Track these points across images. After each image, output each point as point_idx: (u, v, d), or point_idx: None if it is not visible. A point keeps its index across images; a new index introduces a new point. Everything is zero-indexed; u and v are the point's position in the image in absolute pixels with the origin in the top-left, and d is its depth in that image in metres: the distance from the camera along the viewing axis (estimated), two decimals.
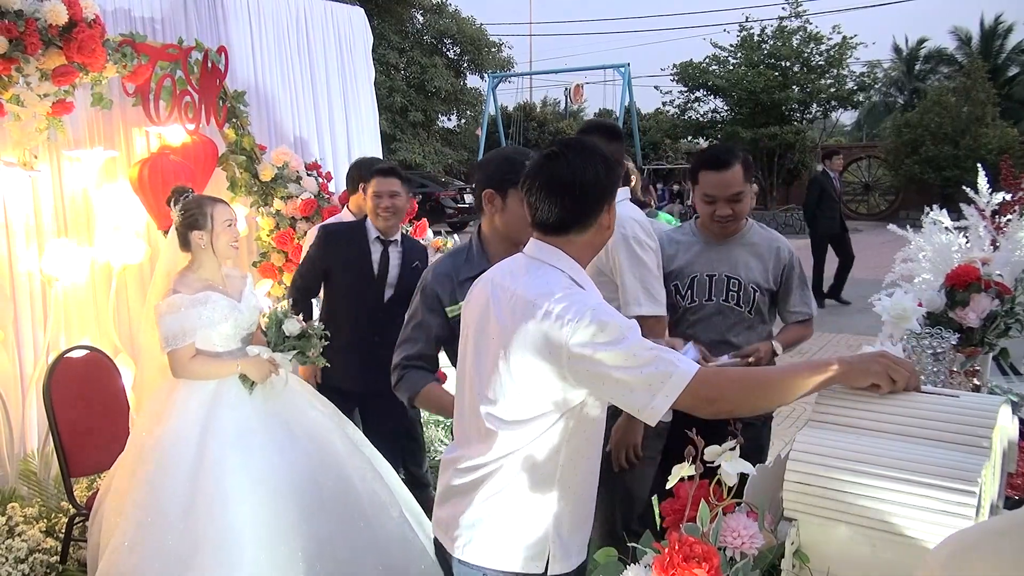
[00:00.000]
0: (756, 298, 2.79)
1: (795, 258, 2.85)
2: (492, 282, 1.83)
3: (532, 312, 1.66)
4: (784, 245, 2.86)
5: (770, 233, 2.88)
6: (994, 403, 1.43)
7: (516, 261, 1.83)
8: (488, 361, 1.76)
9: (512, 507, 1.78)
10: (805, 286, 2.87)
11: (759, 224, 2.90)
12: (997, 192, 2.40)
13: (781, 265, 2.82)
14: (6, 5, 3.22)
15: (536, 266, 1.76)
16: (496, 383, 1.73)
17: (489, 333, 1.77)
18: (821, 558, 1.37)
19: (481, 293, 1.85)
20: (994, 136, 18.86)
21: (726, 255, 2.80)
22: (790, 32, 21.82)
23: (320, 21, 5.37)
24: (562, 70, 25.26)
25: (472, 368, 1.83)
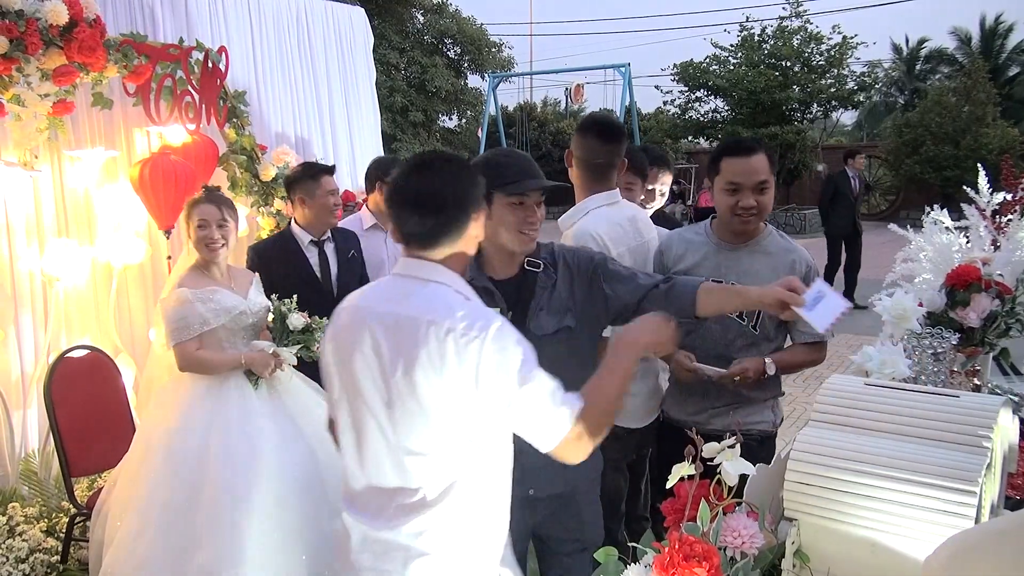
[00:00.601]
0: (762, 313, 2.51)
1: (812, 272, 2.54)
2: (366, 313, 1.69)
3: (434, 332, 1.58)
4: (801, 256, 2.57)
5: (788, 243, 2.62)
6: (994, 403, 1.43)
7: (391, 285, 1.73)
8: (391, 398, 1.63)
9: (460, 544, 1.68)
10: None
11: (778, 232, 2.66)
12: (998, 192, 2.40)
13: (788, 273, 2.43)
14: (7, 5, 3.23)
15: (420, 285, 1.68)
16: (406, 420, 1.62)
17: (381, 368, 1.64)
18: (821, 558, 1.37)
19: (354, 329, 1.69)
20: (995, 136, 18.85)
21: (736, 262, 2.56)
22: (790, 32, 21.82)
23: (320, 21, 5.36)
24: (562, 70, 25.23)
25: (367, 413, 1.68)
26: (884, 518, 1.31)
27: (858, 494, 1.33)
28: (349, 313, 1.75)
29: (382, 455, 1.68)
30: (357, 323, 1.70)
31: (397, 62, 23.74)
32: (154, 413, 3.06)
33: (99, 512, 3.07)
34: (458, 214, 1.68)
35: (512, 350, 1.60)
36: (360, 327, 1.68)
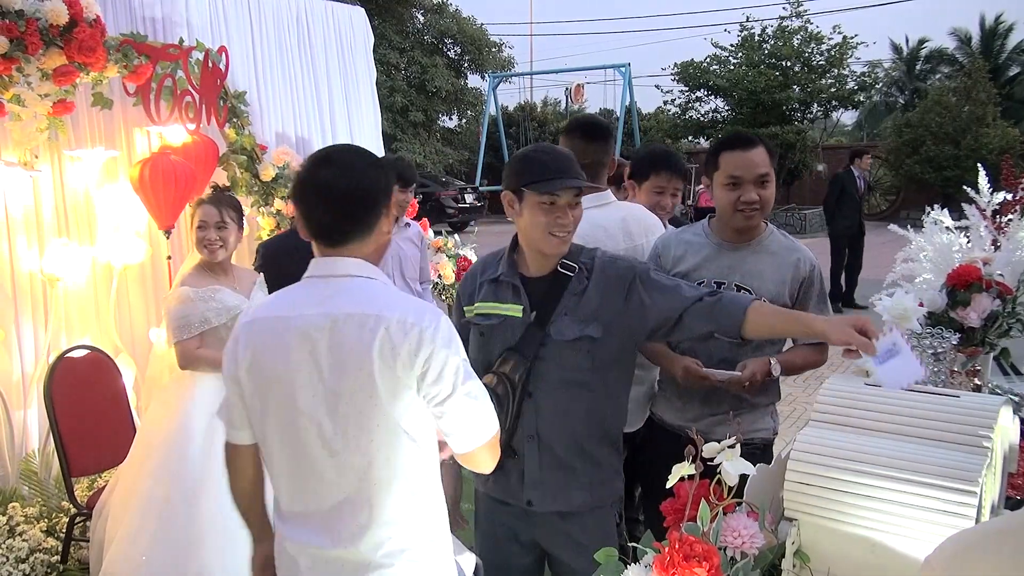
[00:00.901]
0: None
1: (816, 272, 2.48)
2: (295, 322, 1.59)
3: (383, 326, 1.53)
4: (805, 256, 2.48)
5: (790, 241, 2.53)
6: (995, 403, 1.43)
7: (310, 288, 1.64)
8: (335, 405, 1.57)
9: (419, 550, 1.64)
10: (825, 303, 2.49)
11: (780, 231, 2.57)
12: (998, 192, 2.40)
13: (800, 278, 2.45)
14: (7, 5, 3.23)
15: (345, 282, 1.61)
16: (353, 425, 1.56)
17: (321, 375, 1.57)
18: (821, 558, 1.37)
19: (282, 342, 1.60)
20: (995, 136, 18.83)
21: (739, 262, 2.46)
22: (791, 32, 21.81)
23: (321, 21, 5.36)
24: (562, 70, 25.25)
25: (306, 426, 1.59)
26: (884, 518, 1.31)
27: (858, 494, 1.33)
28: (269, 326, 1.63)
29: (326, 470, 1.59)
30: (284, 334, 1.60)
31: (397, 62, 23.75)
32: (155, 413, 3.07)
33: (99, 512, 3.08)
34: (368, 208, 1.62)
35: (457, 345, 1.59)
36: (289, 338, 1.59)
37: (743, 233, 2.48)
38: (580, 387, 2.10)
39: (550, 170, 2.01)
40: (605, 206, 2.72)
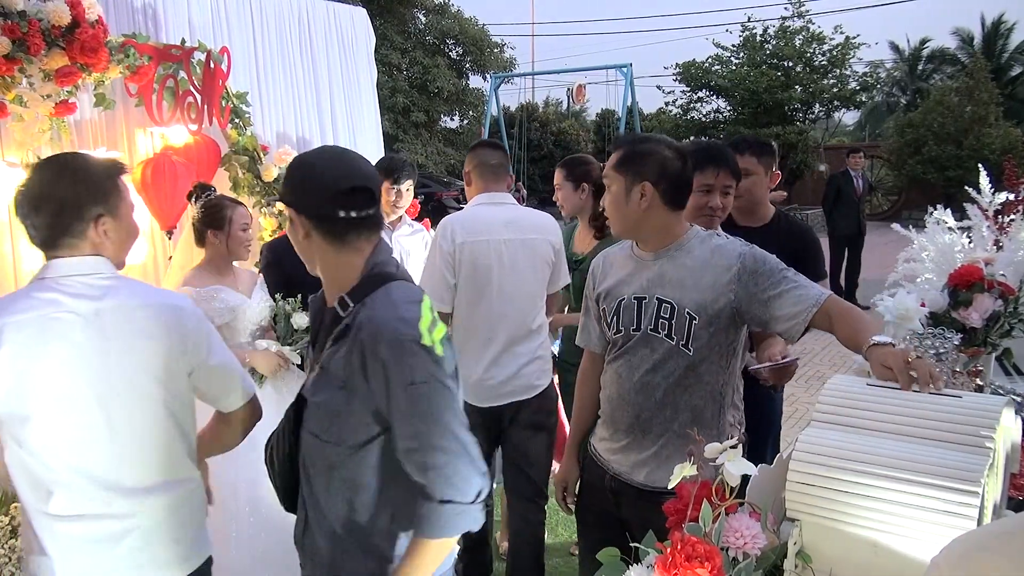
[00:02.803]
0: (692, 328, 2.15)
1: (748, 259, 2.12)
2: (62, 328, 1.71)
3: (167, 311, 1.83)
4: (730, 250, 2.16)
5: (717, 241, 2.22)
6: (997, 403, 1.43)
7: (35, 293, 1.74)
8: (113, 391, 1.76)
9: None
10: (791, 280, 2.08)
11: (710, 232, 2.28)
12: (1000, 192, 2.40)
13: (734, 278, 2.12)
14: (9, 6, 3.23)
15: (106, 280, 1.79)
16: (135, 410, 1.79)
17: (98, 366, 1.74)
18: (823, 559, 1.37)
19: (62, 348, 1.72)
20: (997, 136, 18.81)
21: (659, 274, 2.21)
22: (792, 32, 21.80)
23: (322, 21, 5.37)
24: (564, 70, 25.24)
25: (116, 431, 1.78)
26: (886, 518, 1.31)
27: (860, 494, 1.33)
28: (44, 334, 1.71)
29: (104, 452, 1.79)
30: (68, 346, 1.72)
31: (399, 62, 23.76)
32: None
33: None
34: (71, 215, 1.74)
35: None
36: (74, 347, 1.72)
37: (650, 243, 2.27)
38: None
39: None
40: (498, 205, 3.16)
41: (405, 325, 1.57)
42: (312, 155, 1.76)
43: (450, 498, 1.56)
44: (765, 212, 3.10)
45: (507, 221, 3.12)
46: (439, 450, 1.56)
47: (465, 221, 3.11)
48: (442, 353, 1.60)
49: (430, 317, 1.62)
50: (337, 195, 1.64)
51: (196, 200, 3.10)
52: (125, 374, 1.77)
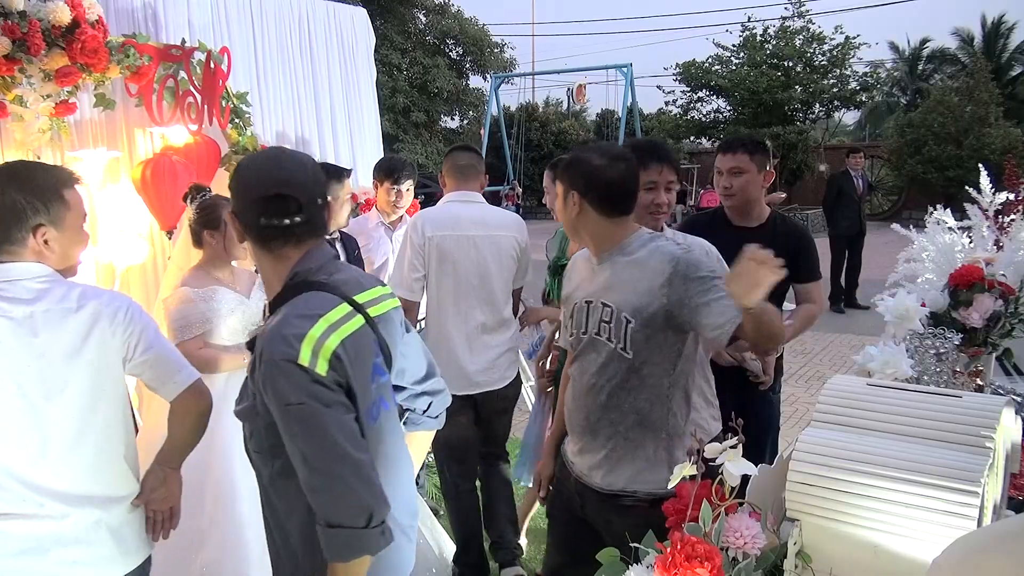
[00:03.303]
0: (628, 331, 2.13)
1: (686, 261, 2.10)
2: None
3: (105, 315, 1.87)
4: (665, 254, 2.14)
5: (659, 243, 2.19)
6: (997, 403, 1.43)
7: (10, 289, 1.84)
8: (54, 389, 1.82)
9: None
10: (720, 289, 2.02)
11: (655, 234, 2.25)
12: (1000, 192, 2.40)
13: (662, 280, 2.09)
14: (9, 6, 3.23)
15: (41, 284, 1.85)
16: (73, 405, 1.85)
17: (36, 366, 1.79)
18: (824, 559, 1.37)
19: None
20: (997, 136, 18.80)
21: (605, 276, 2.23)
22: (793, 32, 21.81)
23: (323, 22, 5.37)
24: (564, 70, 25.26)
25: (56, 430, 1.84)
26: (886, 518, 1.31)
27: (860, 494, 1.33)
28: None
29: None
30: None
31: (399, 63, 23.76)
32: (156, 413, 3.07)
33: None
34: (11, 223, 1.82)
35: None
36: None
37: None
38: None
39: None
40: (467, 203, 3.39)
41: (284, 343, 1.54)
42: (248, 159, 1.77)
43: (337, 522, 1.52)
44: (761, 212, 3.09)
45: (475, 218, 3.36)
46: (321, 473, 1.52)
47: (435, 216, 3.36)
48: (325, 372, 1.54)
49: (322, 331, 1.56)
50: (258, 202, 1.63)
51: (192, 201, 3.09)
52: (57, 377, 1.80)
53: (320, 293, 1.63)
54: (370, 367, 1.66)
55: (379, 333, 1.71)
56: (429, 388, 1.95)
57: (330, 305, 1.62)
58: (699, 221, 3.28)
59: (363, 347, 1.64)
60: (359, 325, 1.64)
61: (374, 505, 1.54)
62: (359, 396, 1.61)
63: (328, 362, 1.54)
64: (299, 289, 1.64)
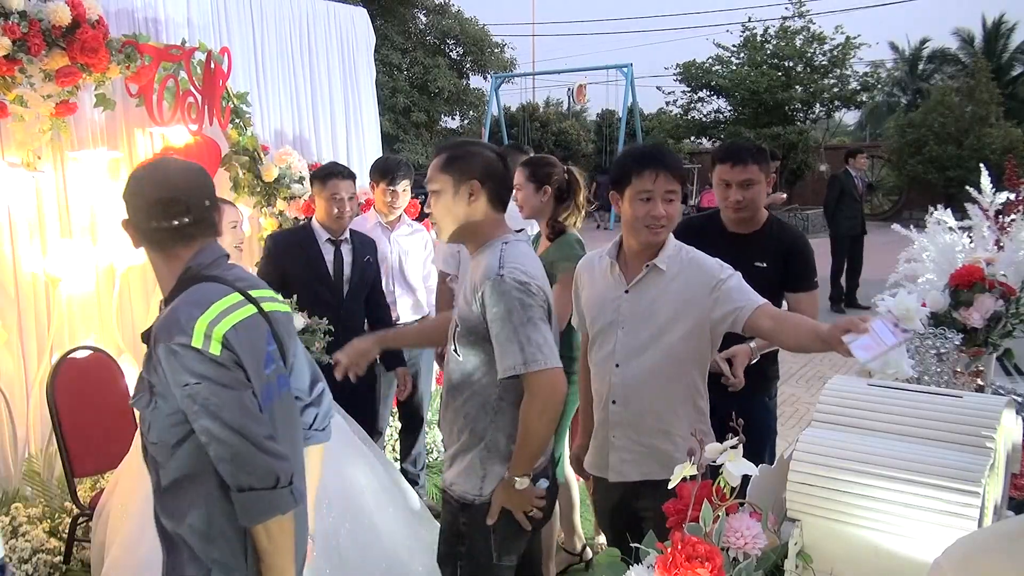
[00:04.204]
0: (457, 334, 2.18)
1: (494, 287, 2.04)
2: None
3: None
4: (488, 268, 2.09)
5: (496, 252, 2.13)
6: (998, 404, 1.42)
7: None
8: None
9: None
10: (507, 329, 2.03)
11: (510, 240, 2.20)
12: (1001, 192, 2.40)
13: (478, 294, 2.10)
14: (9, 6, 3.23)
15: None
16: None
17: None
18: (824, 559, 1.37)
19: None
20: (998, 136, 18.78)
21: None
22: (793, 32, 21.78)
23: (323, 22, 5.36)
24: (565, 70, 25.26)
25: None
26: (887, 518, 1.31)
27: (861, 494, 1.33)
28: None
29: None
30: None
31: (399, 63, 23.75)
32: None
33: (100, 513, 3.08)
34: None
35: None
36: None
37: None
38: None
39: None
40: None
41: (176, 328, 1.63)
42: (137, 170, 1.88)
43: (249, 485, 1.63)
44: (759, 217, 2.96)
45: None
46: (226, 444, 1.62)
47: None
48: (219, 351, 1.63)
49: (214, 315, 1.66)
50: (147, 207, 1.75)
51: None
52: None
53: (212, 284, 1.73)
54: (263, 354, 1.74)
55: (272, 326, 1.79)
56: (314, 398, 1.99)
57: (221, 294, 1.71)
58: (692, 226, 3.02)
59: (255, 334, 1.73)
60: (251, 313, 1.73)
61: (278, 467, 1.65)
62: (252, 379, 1.68)
63: (220, 343, 1.64)
64: (192, 282, 1.73)
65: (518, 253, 2.13)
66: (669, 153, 2.34)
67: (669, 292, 2.26)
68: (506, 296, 2.03)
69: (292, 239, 3.86)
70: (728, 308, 2.18)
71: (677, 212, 2.28)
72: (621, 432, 2.33)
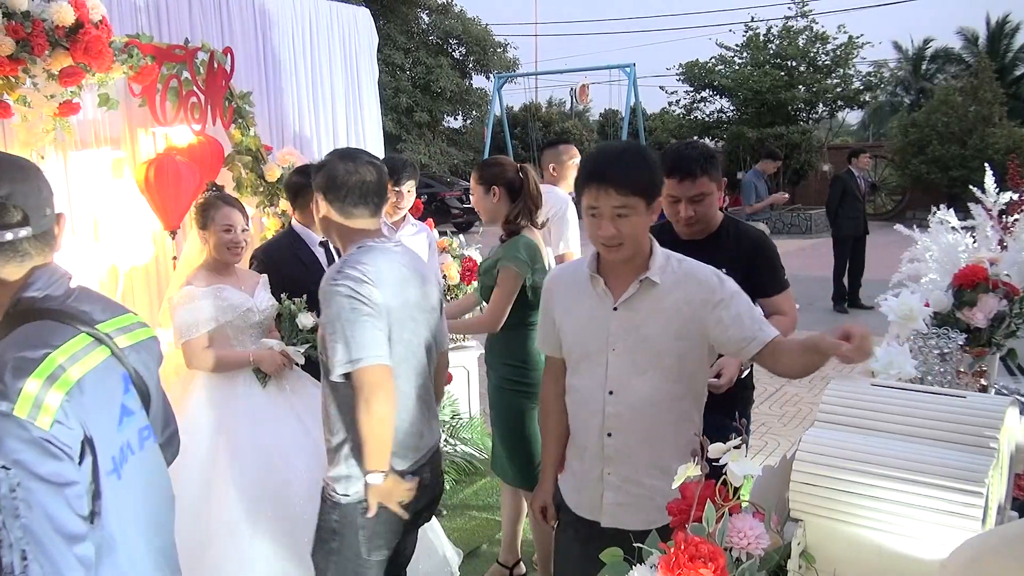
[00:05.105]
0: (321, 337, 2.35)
1: (324, 288, 2.25)
2: None
3: None
4: (328, 274, 2.33)
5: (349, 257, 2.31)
6: (1001, 404, 1.42)
7: None
8: None
9: None
10: (339, 336, 2.18)
11: (353, 246, 2.33)
12: (1004, 192, 2.40)
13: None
14: (13, 6, 3.23)
15: None
16: None
17: None
18: (827, 559, 1.37)
19: None
20: (1002, 136, 18.75)
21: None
22: (796, 32, 21.77)
23: (325, 22, 5.37)
24: (567, 70, 25.25)
25: None
26: (890, 519, 1.31)
27: (864, 495, 1.32)
28: None
29: None
30: None
31: (402, 63, 23.79)
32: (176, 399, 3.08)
33: None
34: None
35: None
36: None
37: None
38: None
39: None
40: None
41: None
42: None
43: None
44: (714, 223, 2.73)
45: None
46: (33, 560, 1.23)
47: None
48: (48, 427, 1.26)
49: (49, 371, 1.29)
50: None
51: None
52: None
53: (50, 323, 1.37)
54: (117, 409, 1.42)
55: (129, 365, 1.47)
56: (166, 439, 1.73)
57: (63, 337, 1.35)
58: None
59: (107, 386, 1.40)
60: (102, 358, 1.40)
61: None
62: (100, 448, 1.34)
63: (53, 417, 1.27)
64: (23, 318, 1.36)
65: (366, 258, 2.22)
66: (621, 166, 1.99)
67: (665, 308, 2.04)
68: (333, 302, 2.15)
69: (283, 248, 3.68)
70: (737, 335, 2.00)
71: (635, 227, 2.01)
72: (617, 469, 2.10)
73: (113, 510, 1.36)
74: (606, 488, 2.12)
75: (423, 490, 2.33)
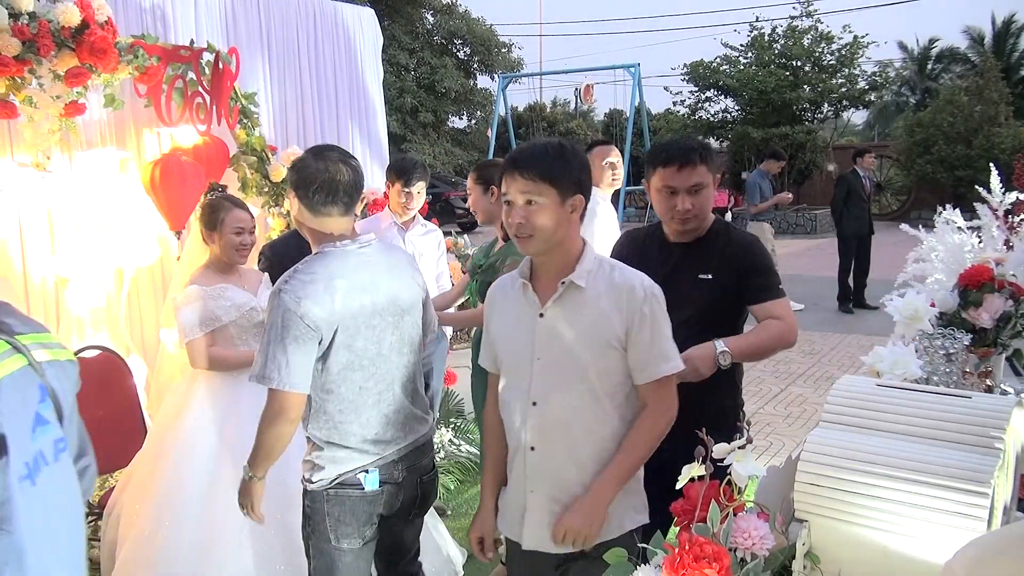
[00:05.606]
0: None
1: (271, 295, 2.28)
2: None
3: None
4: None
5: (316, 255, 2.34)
6: (1007, 404, 1.42)
7: None
8: None
9: None
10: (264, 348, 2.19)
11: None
12: (1010, 192, 2.39)
13: None
14: (19, 7, 3.25)
15: None
16: None
17: None
18: (832, 559, 1.37)
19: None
20: (1007, 135, 18.69)
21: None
22: (801, 32, 21.73)
23: (330, 22, 5.38)
24: (572, 70, 25.22)
25: None
26: (895, 519, 1.30)
27: (869, 495, 1.32)
28: None
29: None
30: None
31: (407, 63, 23.82)
32: (167, 411, 3.09)
33: (110, 512, 3.09)
34: None
35: None
36: None
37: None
38: None
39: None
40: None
41: None
42: None
43: None
44: (705, 224, 2.55)
45: None
46: None
47: None
48: None
49: None
50: None
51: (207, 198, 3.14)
52: None
53: None
54: (31, 415, 1.37)
55: (46, 379, 1.44)
56: (79, 469, 1.63)
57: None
58: (636, 238, 2.74)
59: (23, 394, 1.37)
60: (19, 366, 1.37)
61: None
62: (13, 451, 1.30)
63: None
64: None
65: (318, 266, 2.19)
66: (532, 154, 1.94)
67: (589, 315, 1.93)
68: (275, 310, 2.14)
69: (291, 246, 3.54)
70: (635, 356, 1.93)
71: (547, 218, 1.91)
72: (540, 487, 1.98)
73: (24, 517, 1.30)
74: (528, 507, 2.00)
75: (397, 488, 2.31)
